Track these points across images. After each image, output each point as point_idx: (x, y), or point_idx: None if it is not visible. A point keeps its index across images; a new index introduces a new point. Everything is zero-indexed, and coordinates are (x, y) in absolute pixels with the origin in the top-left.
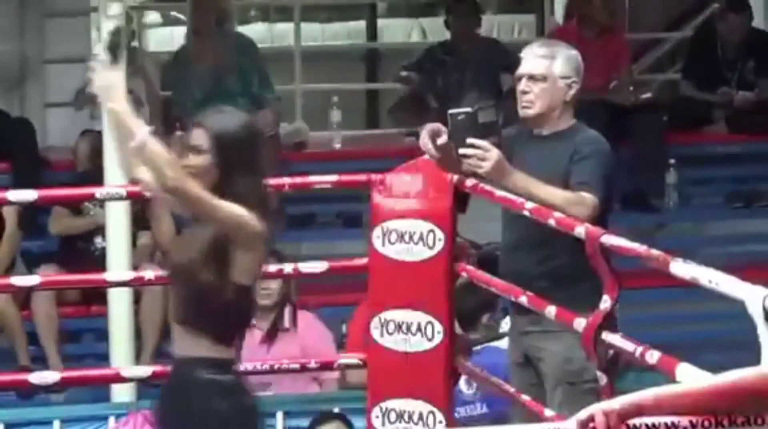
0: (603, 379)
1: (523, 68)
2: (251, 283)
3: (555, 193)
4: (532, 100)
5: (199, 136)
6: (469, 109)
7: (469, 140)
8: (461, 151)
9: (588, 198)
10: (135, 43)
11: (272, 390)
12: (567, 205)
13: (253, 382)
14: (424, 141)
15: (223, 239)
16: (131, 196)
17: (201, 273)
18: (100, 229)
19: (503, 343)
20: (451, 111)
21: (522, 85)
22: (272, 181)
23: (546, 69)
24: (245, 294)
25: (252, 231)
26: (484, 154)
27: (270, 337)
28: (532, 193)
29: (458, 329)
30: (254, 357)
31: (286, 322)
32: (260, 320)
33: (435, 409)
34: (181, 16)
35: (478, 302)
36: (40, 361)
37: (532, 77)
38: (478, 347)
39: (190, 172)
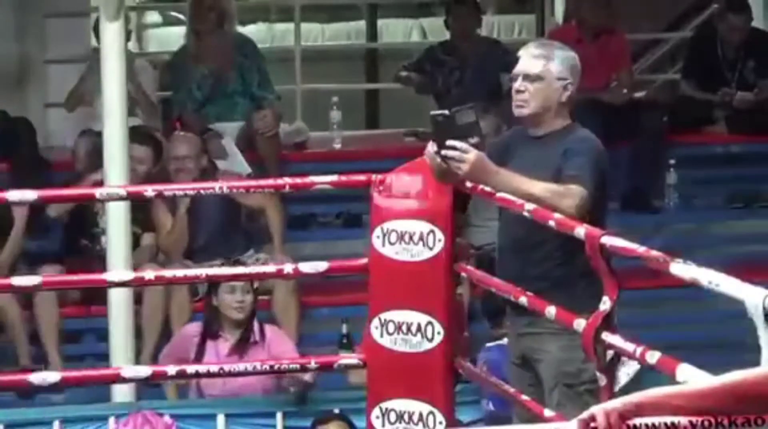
0: (603, 379)
1: (519, 67)
2: None
3: (540, 186)
4: (526, 100)
5: None
6: (446, 111)
7: (449, 142)
8: (442, 152)
9: (575, 189)
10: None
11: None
12: (553, 196)
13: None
14: (430, 152)
15: None
16: (131, 196)
17: None
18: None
19: None
20: (431, 113)
21: (517, 84)
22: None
23: (542, 69)
24: None
25: None
26: (462, 155)
27: (239, 348)
28: (517, 189)
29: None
30: None
31: (256, 335)
32: (228, 333)
33: (435, 409)
34: (181, 16)
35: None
36: (41, 361)
37: (527, 76)
38: (491, 343)
39: None
